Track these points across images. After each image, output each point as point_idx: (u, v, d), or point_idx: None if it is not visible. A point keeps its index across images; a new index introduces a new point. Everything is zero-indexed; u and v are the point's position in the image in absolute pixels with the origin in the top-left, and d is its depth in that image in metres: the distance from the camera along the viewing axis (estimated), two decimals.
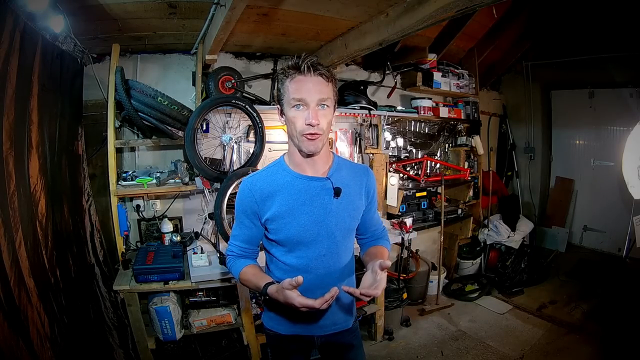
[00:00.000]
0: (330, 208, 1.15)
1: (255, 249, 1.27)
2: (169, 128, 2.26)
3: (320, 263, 1.18)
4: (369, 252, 1.29)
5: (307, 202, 1.14)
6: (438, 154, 3.76)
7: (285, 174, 1.17)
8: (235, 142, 2.54)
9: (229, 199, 2.19)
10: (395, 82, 3.35)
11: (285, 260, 1.19)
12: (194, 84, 2.52)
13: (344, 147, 3.08)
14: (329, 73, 1.08)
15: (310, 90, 1.04)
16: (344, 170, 1.21)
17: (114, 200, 2.23)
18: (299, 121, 1.06)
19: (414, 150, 3.57)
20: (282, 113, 1.13)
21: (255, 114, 2.35)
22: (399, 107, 3.29)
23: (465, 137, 3.77)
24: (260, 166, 2.46)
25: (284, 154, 1.22)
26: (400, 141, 3.39)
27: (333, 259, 1.19)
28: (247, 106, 2.33)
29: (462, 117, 3.70)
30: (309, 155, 1.12)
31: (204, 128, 2.46)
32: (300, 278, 1.00)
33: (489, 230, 3.79)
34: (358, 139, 3.10)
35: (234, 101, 2.30)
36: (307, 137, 1.06)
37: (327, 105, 1.08)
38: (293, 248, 1.17)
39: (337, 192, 1.15)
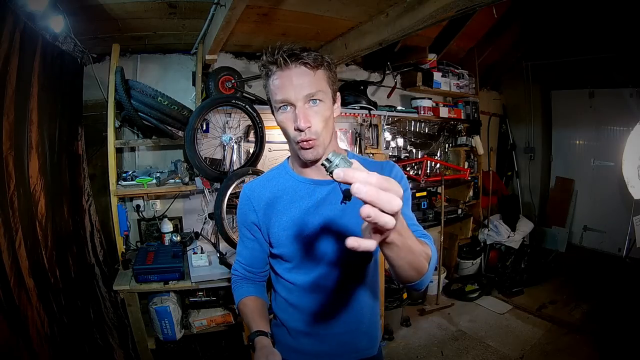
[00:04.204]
0: (340, 215, 0.96)
1: (261, 271, 1.11)
2: (169, 128, 2.26)
3: (332, 280, 0.98)
4: None
5: (312, 209, 0.97)
6: (438, 154, 3.76)
7: (288, 177, 1.02)
8: (235, 142, 2.53)
9: (229, 199, 2.19)
10: (395, 82, 3.34)
11: (290, 278, 1.02)
12: (194, 84, 2.52)
13: (343, 147, 3.07)
14: (314, 60, 0.86)
15: (293, 87, 0.85)
16: None
17: (114, 200, 2.23)
18: (289, 126, 0.89)
19: (414, 150, 3.57)
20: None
21: (255, 114, 2.35)
22: (399, 107, 3.30)
23: (465, 137, 3.78)
24: (260, 166, 2.46)
25: (289, 156, 1.08)
26: (400, 141, 3.40)
27: (348, 275, 0.99)
28: (247, 106, 2.33)
29: (462, 117, 3.70)
30: (312, 163, 0.95)
31: (204, 128, 2.46)
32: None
33: (489, 230, 3.79)
34: (358, 139, 3.10)
35: (234, 101, 2.30)
36: (302, 146, 0.89)
37: (320, 100, 0.88)
38: (299, 264, 1.00)
39: (346, 195, 0.96)
